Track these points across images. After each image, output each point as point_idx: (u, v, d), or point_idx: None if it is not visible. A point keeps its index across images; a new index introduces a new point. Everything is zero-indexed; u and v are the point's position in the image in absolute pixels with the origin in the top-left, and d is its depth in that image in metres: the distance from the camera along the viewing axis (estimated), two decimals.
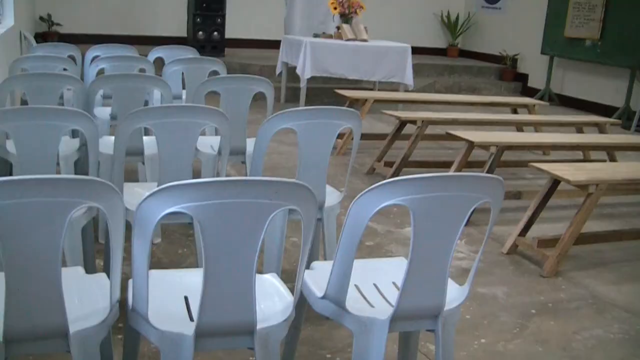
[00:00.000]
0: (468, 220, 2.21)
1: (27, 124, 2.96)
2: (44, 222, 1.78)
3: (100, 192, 1.84)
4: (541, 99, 11.11)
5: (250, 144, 4.13)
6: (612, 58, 10.24)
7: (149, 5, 11.95)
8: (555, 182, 4.44)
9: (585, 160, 6.88)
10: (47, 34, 11.05)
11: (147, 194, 1.84)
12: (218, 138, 4.00)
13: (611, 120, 7.38)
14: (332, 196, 3.45)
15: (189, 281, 2.36)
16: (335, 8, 9.25)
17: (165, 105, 3.37)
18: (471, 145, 5.14)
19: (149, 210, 1.86)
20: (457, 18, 13.94)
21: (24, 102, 5.15)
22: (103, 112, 5.07)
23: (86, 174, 3.36)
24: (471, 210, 2.17)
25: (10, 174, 4.02)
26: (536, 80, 12.16)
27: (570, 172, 4.31)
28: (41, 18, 11.19)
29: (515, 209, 5.27)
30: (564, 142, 5.73)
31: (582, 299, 3.92)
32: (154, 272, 2.31)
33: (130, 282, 2.12)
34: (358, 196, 2.07)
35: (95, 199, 1.84)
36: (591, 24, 10.53)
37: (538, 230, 4.67)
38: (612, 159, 6.72)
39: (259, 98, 4.26)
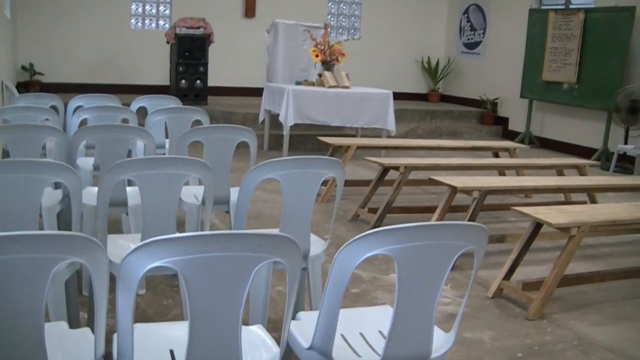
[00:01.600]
0: (453, 265, 2.22)
1: (8, 177, 2.94)
2: (27, 278, 1.77)
3: (84, 248, 1.83)
4: (522, 141, 11.25)
5: (234, 193, 4.13)
6: (589, 101, 10.41)
7: (131, 54, 12.04)
8: (538, 225, 4.47)
9: (567, 202, 6.94)
10: (29, 84, 11.09)
11: (131, 248, 1.84)
12: (202, 187, 4.00)
13: (590, 162, 7.47)
14: (316, 245, 3.45)
15: (175, 334, 2.35)
16: (317, 56, 9.33)
17: (149, 157, 3.37)
18: (454, 190, 5.17)
19: (133, 265, 1.86)
20: (438, 64, 14.13)
21: (5, 153, 5.14)
22: (86, 162, 5.07)
23: (69, 225, 3.34)
24: (455, 258, 2.18)
25: None
26: (516, 124, 12.31)
27: (552, 215, 4.34)
28: (23, 67, 11.23)
29: (499, 252, 5.29)
30: (545, 185, 5.78)
31: (568, 340, 3.92)
32: (139, 326, 2.29)
33: (115, 336, 2.11)
34: (342, 247, 2.07)
35: (78, 255, 1.83)
36: (568, 68, 10.72)
37: (522, 273, 4.68)
38: (593, 200, 6.79)
39: (242, 146, 4.28)
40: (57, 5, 11.52)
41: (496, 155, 7.94)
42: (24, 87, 10.76)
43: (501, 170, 7.40)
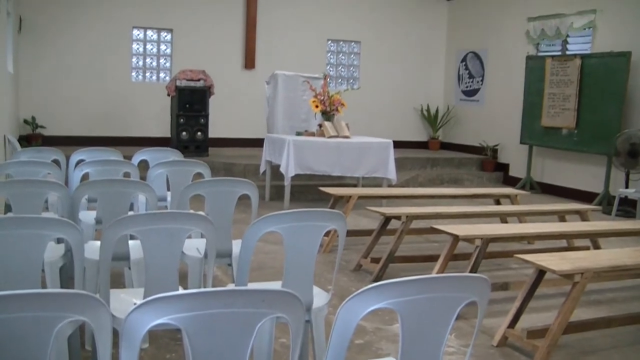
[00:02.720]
0: (457, 315, 2.22)
1: (11, 233, 2.95)
2: (30, 337, 1.77)
3: (87, 306, 1.83)
4: (522, 187, 11.28)
5: (236, 245, 4.13)
6: (589, 145, 10.46)
7: (132, 107, 12.15)
8: (541, 272, 4.46)
9: (570, 247, 6.93)
10: (31, 137, 11.17)
11: (134, 303, 1.84)
12: (204, 240, 4.00)
13: (591, 207, 7.47)
14: (319, 297, 3.44)
15: None
16: (316, 106, 9.40)
17: (150, 213, 3.38)
18: (456, 239, 5.17)
19: (136, 323, 1.85)
20: (437, 111, 14.24)
21: (8, 207, 5.16)
22: (88, 216, 5.07)
23: (72, 279, 3.34)
24: (458, 310, 2.17)
25: None
26: (517, 169, 12.35)
27: (555, 262, 4.33)
28: (25, 121, 11.33)
29: (503, 300, 5.26)
30: (547, 232, 5.78)
31: None
32: None
33: None
34: (345, 301, 2.07)
35: (81, 313, 1.83)
36: (566, 113, 10.80)
37: (527, 320, 4.65)
38: (596, 245, 6.77)
39: (244, 197, 4.29)
40: (58, 59, 11.67)
41: (497, 202, 7.94)
42: (26, 141, 10.83)
43: (503, 218, 7.40)
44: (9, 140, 7.88)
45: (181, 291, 1.83)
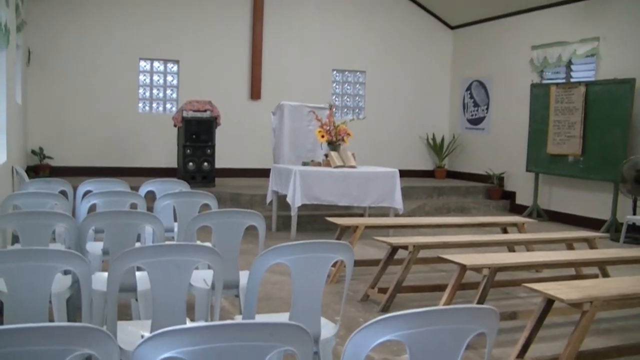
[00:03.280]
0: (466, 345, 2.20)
1: (19, 266, 2.96)
2: None
3: (95, 339, 1.83)
4: (529, 215, 11.25)
5: (243, 276, 4.12)
6: (595, 172, 10.45)
7: (139, 137, 12.21)
8: (550, 301, 4.43)
9: (578, 276, 6.89)
10: (38, 167, 11.24)
11: (141, 336, 1.83)
12: (211, 272, 3.99)
13: (599, 234, 7.43)
14: (327, 328, 3.42)
15: None
16: (322, 136, 9.42)
17: (157, 245, 3.38)
18: (464, 268, 5.15)
19: (144, 356, 1.84)
20: (443, 140, 14.27)
21: (15, 238, 5.17)
22: (95, 247, 5.08)
23: (79, 309, 3.33)
24: (467, 341, 2.16)
25: (1, 313, 3.99)
26: (523, 197, 12.33)
27: (564, 290, 4.30)
28: (33, 152, 11.40)
29: (512, 329, 5.22)
30: (555, 260, 5.75)
31: None
32: None
33: None
34: (353, 334, 2.06)
35: (88, 346, 1.83)
36: (572, 140, 10.80)
37: (536, 350, 4.61)
38: (605, 273, 6.73)
39: (251, 227, 4.29)
40: (65, 90, 11.77)
41: (505, 231, 7.91)
42: (33, 171, 10.89)
43: (510, 246, 7.37)
44: (17, 171, 7.92)
45: (189, 324, 1.83)
